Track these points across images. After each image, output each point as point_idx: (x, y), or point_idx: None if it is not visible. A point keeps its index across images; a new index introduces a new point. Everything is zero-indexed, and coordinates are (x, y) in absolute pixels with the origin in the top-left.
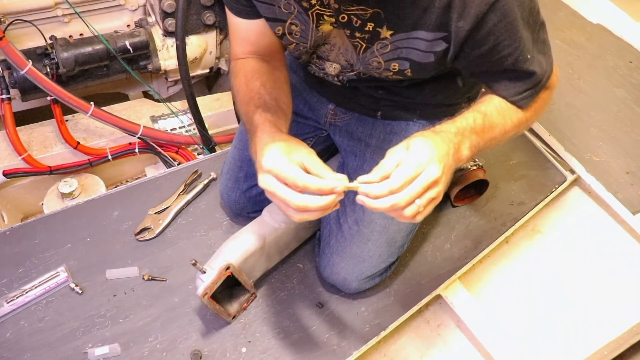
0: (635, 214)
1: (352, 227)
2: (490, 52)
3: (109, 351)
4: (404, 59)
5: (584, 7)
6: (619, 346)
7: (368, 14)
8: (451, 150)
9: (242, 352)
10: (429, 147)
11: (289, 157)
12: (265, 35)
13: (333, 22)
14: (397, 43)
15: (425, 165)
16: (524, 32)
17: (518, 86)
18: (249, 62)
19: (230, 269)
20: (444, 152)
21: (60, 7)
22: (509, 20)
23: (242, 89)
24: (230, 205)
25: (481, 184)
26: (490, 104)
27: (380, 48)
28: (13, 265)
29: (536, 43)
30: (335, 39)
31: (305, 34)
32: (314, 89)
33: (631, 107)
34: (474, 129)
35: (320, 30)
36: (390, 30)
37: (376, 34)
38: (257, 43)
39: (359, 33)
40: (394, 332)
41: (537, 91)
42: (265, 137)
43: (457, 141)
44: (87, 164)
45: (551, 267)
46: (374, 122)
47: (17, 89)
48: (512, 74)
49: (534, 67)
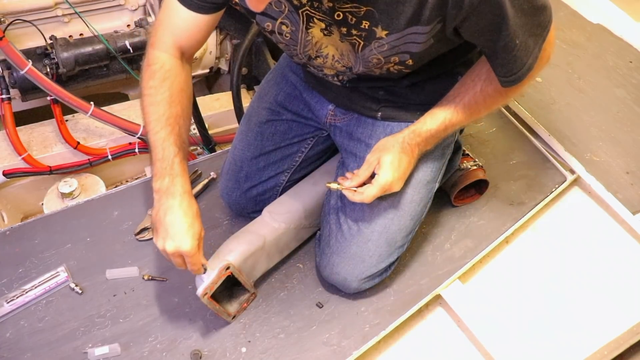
0: (635, 214)
1: (352, 227)
2: (480, 33)
3: (109, 351)
4: (404, 53)
5: (584, 7)
6: (619, 346)
7: (362, 12)
8: (414, 159)
9: (242, 352)
10: (394, 170)
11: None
12: (199, 33)
13: (323, 27)
14: (393, 42)
15: (389, 185)
16: (515, 20)
17: (505, 68)
18: (176, 71)
19: (230, 268)
20: (405, 167)
21: (60, 7)
22: (499, 11)
23: (162, 106)
24: (230, 205)
25: (481, 184)
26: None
27: (378, 47)
28: (13, 265)
29: (529, 27)
30: (328, 49)
31: (295, 36)
32: (314, 89)
33: (631, 107)
34: (438, 131)
35: (310, 34)
36: (385, 31)
37: (372, 33)
38: (189, 39)
39: (356, 30)
40: (394, 332)
41: (522, 77)
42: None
43: (421, 147)
44: (87, 164)
45: (551, 267)
46: (374, 123)
47: (17, 89)
48: (501, 55)
49: (519, 53)
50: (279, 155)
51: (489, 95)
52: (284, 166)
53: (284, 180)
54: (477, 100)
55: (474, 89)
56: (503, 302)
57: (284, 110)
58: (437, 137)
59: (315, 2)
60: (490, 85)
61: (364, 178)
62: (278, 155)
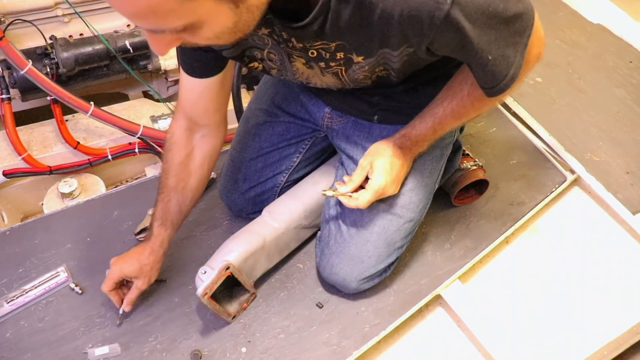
0: (635, 214)
1: (351, 228)
2: (451, 52)
3: (109, 351)
4: (385, 65)
5: (584, 7)
6: (619, 346)
7: (333, 47)
8: (407, 162)
9: (242, 352)
10: (387, 174)
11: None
12: (205, 99)
13: (304, 62)
14: (372, 63)
15: (382, 189)
16: (481, 39)
17: (484, 81)
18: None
19: (230, 269)
20: (398, 170)
21: (60, 7)
22: (460, 34)
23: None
24: (229, 206)
25: (481, 184)
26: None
27: (359, 68)
28: (13, 265)
29: (503, 39)
30: (315, 79)
31: (283, 66)
32: (311, 92)
33: (631, 107)
34: (427, 135)
35: (294, 66)
36: (360, 56)
37: (349, 60)
38: (194, 106)
39: (333, 63)
40: (394, 332)
41: (504, 87)
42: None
43: (413, 151)
44: (87, 164)
45: (551, 267)
46: (370, 126)
47: (17, 89)
48: (477, 70)
49: (496, 67)
50: (277, 156)
51: (476, 99)
52: (282, 167)
53: (282, 181)
54: (465, 103)
55: (461, 93)
56: (503, 302)
57: (281, 112)
58: (428, 139)
59: (289, 43)
60: (477, 89)
61: (358, 183)
62: (276, 156)
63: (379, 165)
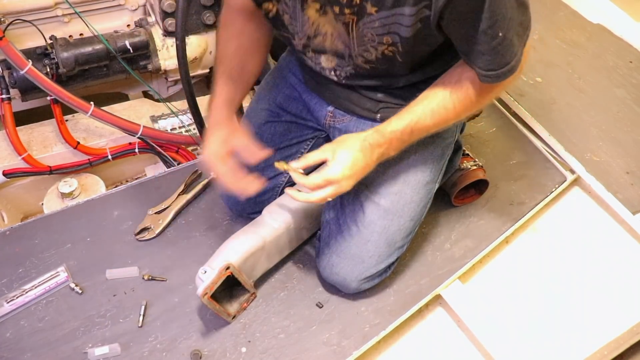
0: (635, 214)
1: (351, 228)
2: (462, 20)
3: (109, 351)
4: (394, 33)
5: (584, 7)
6: (619, 346)
7: None
8: (372, 162)
9: (242, 352)
10: (345, 168)
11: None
12: None
13: (318, 8)
14: (383, 20)
15: (335, 180)
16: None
17: (485, 59)
18: (237, 19)
19: (230, 269)
20: (359, 167)
21: (60, 7)
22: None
23: (221, 45)
24: (229, 206)
25: (481, 184)
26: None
27: (369, 23)
28: (13, 265)
29: (514, 23)
30: (326, 27)
31: (295, 15)
32: (313, 91)
33: (631, 107)
34: (403, 134)
35: (306, 14)
36: (375, 7)
37: (363, 8)
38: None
39: (348, 9)
40: (394, 332)
41: (502, 75)
42: (215, 115)
43: (383, 150)
44: (87, 164)
45: (551, 267)
46: (373, 124)
47: (17, 89)
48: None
49: (503, 49)
50: (278, 156)
51: (459, 100)
52: None
53: (283, 181)
54: (447, 105)
55: (443, 92)
56: (503, 302)
57: (283, 112)
58: (401, 140)
59: None
60: (460, 89)
61: (311, 162)
62: (277, 156)
63: (340, 156)
